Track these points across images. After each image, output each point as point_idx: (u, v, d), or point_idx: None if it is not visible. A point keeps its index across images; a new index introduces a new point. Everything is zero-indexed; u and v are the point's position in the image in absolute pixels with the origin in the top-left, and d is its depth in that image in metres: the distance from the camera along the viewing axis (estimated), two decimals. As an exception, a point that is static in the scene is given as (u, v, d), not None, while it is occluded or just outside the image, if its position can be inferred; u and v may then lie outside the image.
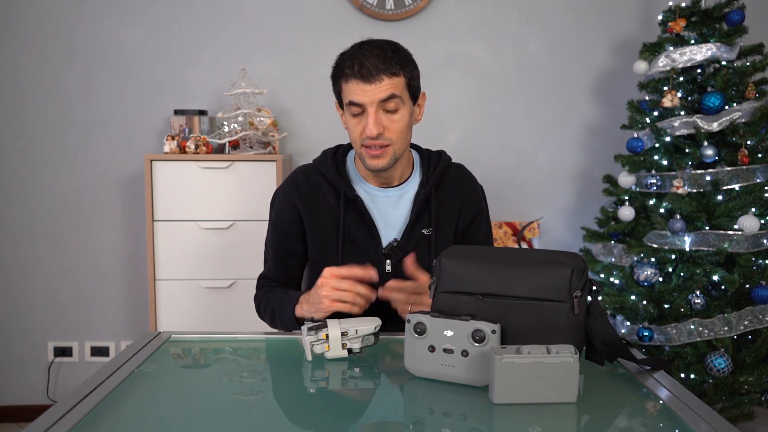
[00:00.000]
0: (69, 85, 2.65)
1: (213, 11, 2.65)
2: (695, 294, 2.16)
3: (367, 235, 1.36)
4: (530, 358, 0.87)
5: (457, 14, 2.69)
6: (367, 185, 1.39)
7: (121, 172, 2.70)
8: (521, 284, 0.98)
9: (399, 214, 1.38)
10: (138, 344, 1.15)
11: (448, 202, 1.41)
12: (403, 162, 1.38)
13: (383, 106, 1.25)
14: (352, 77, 1.24)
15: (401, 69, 1.26)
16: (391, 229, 1.38)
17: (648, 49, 2.39)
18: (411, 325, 0.98)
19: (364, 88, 1.23)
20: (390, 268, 1.36)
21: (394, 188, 1.39)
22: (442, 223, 1.39)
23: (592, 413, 0.88)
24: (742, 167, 2.20)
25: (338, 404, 0.91)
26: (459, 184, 1.43)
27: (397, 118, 1.27)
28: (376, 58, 1.23)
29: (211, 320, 2.38)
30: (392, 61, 1.24)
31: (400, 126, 1.27)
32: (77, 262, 2.72)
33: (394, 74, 1.24)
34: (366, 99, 1.24)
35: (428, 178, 1.39)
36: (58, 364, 2.75)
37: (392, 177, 1.37)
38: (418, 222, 1.37)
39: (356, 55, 1.25)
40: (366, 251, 1.36)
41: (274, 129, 2.49)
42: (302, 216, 1.39)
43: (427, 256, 1.37)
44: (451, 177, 1.43)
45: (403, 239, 1.36)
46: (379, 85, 1.23)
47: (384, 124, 1.26)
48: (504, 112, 2.75)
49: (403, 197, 1.38)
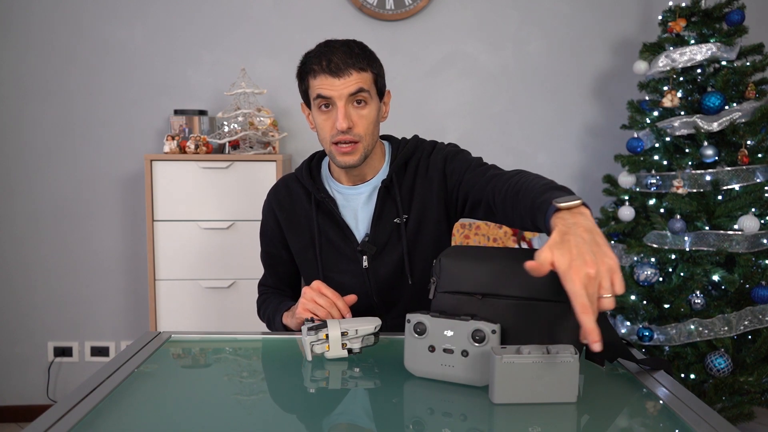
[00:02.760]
0: (69, 85, 2.65)
1: (213, 11, 2.65)
2: (695, 294, 2.16)
3: (341, 235, 1.37)
4: (530, 358, 0.87)
5: (457, 14, 2.69)
6: (340, 186, 1.39)
7: (121, 172, 2.70)
8: (521, 284, 0.98)
9: (369, 208, 1.37)
10: (138, 344, 1.15)
11: (421, 183, 1.36)
12: (375, 157, 1.37)
13: (352, 100, 1.26)
14: (321, 73, 1.25)
15: (368, 65, 1.28)
16: (364, 226, 1.37)
17: (648, 49, 2.39)
18: (411, 325, 0.98)
19: (333, 82, 1.24)
20: (367, 263, 1.36)
21: (364, 184, 1.38)
22: (418, 207, 1.35)
23: (592, 413, 0.88)
24: (742, 167, 2.20)
25: (338, 404, 0.91)
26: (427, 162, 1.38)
27: (366, 113, 1.28)
28: (344, 54, 1.25)
29: (211, 320, 2.38)
30: (359, 57, 1.26)
31: (368, 121, 1.28)
32: (77, 262, 2.72)
33: (362, 69, 1.26)
34: (335, 93, 1.25)
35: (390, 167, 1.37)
36: (58, 364, 2.75)
37: (365, 173, 1.37)
38: (384, 212, 1.35)
39: (323, 51, 1.27)
40: (342, 251, 1.37)
41: (274, 129, 2.49)
42: (281, 224, 1.43)
43: (399, 245, 1.35)
44: (418, 159, 1.38)
45: (373, 232, 1.35)
46: (348, 80, 1.25)
47: (353, 119, 1.26)
48: (504, 112, 2.75)
49: (374, 191, 1.37)
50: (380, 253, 1.35)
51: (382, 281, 1.37)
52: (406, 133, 1.78)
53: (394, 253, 1.36)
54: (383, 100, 1.36)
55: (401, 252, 1.35)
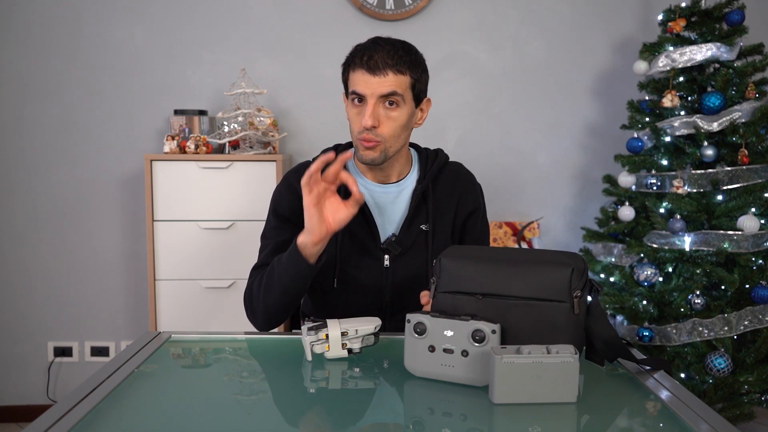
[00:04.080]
0: (69, 85, 2.65)
1: (213, 11, 2.65)
2: (695, 294, 2.16)
3: (366, 229, 1.37)
4: (530, 358, 0.87)
5: (457, 14, 2.69)
6: (366, 181, 1.39)
7: (121, 172, 2.70)
8: (521, 284, 0.98)
9: (397, 209, 1.39)
10: (138, 344, 1.15)
11: (445, 198, 1.41)
12: (402, 159, 1.39)
13: (384, 100, 1.26)
14: (360, 67, 1.25)
15: (408, 69, 1.27)
16: (389, 225, 1.39)
17: (648, 49, 2.39)
18: (411, 325, 0.98)
19: (369, 79, 1.25)
20: (388, 263, 1.37)
21: (392, 184, 1.39)
22: (439, 219, 1.40)
23: (592, 413, 0.88)
24: (742, 167, 2.20)
25: (338, 404, 0.91)
26: (456, 181, 1.44)
27: (395, 115, 1.27)
28: (386, 54, 1.25)
29: (211, 320, 2.38)
30: (401, 60, 1.26)
31: (395, 124, 1.28)
32: (77, 262, 2.72)
33: (400, 72, 1.25)
34: (368, 90, 1.25)
35: (426, 175, 1.40)
36: (58, 364, 2.75)
37: (390, 174, 1.38)
38: (416, 217, 1.38)
39: (369, 47, 1.27)
40: (365, 246, 1.37)
41: (274, 129, 2.49)
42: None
43: (424, 251, 1.38)
44: (448, 174, 1.44)
45: (401, 234, 1.37)
46: (383, 79, 1.24)
47: (380, 119, 1.26)
48: (504, 112, 2.75)
49: (401, 193, 1.39)
50: (403, 254, 1.37)
51: (399, 282, 1.38)
52: (406, 133, 1.78)
53: (417, 258, 1.37)
54: (420, 107, 1.35)
55: (425, 258, 1.37)
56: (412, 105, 1.31)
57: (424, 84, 1.33)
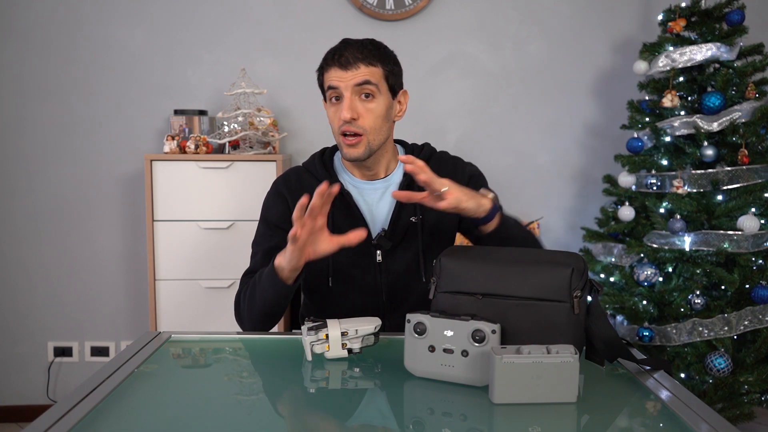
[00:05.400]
0: (69, 85, 2.65)
1: (213, 11, 2.65)
2: (695, 294, 2.16)
3: (356, 227, 1.37)
4: (530, 358, 0.87)
5: (457, 14, 2.69)
6: (354, 179, 1.41)
7: (121, 172, 2.70)
8: (521, 284, 0.98)
9: (385, 205, 1.40)
10: (138, 344, 1.15)
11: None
12: (387, 155, 1.40)
13: (359, 92, 1.29)
14: (332, 65, 1.30)
15: (379, 61, 1.31)
16: (378, 220, 1.40)
17: (648, 49, 2.39)
18: (411, 325, 0.98)
19: (342, 74, 1.28)
20: (380, 258, 1.38)
21: (380, 180, 1.41)
22: (428, 209, 1.36)
23: (592, 413, 0.88)
24: (742, 167, 2.20)
25: (338, 404, 0.91)
26: (440, 167, 1.41)
27: (372, 106, 1.30)
28: (355, 49, 1.30)
29: (211, 320, 2.38)
30: (370, 53, 1.30)
31: (374, 115, 1.30)
32: (77, 262, 2.72)
33: (371, 64, 1.30)
34: (342, 83, 1.29)
35: None
36: (58, 364, 2.75)
37: (378, 170, 1.40)
38: (404, 210, 1.38)
39: (339, 47, 1.32)
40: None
41: (274, 129, 2.49)
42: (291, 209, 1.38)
43: (415, 243, 1.39)
44: (434, 163, 1.43)
45: (390, 228, 1.37)
46: (356, 72, 1.28)
47: (359, 111, 1.29)
48: (504, 112, 2.75)
49: (389, 189, 1.40)
50: (395, 249, 1.38)
51: (394, 277, 1.39)
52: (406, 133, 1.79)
53: (408, 251, 1.39)
54: (397, 99, 1.38)
55: (416, 250, 1.38)
56: (389, 96, 1.34)
57: (398, 76, 1.36)
